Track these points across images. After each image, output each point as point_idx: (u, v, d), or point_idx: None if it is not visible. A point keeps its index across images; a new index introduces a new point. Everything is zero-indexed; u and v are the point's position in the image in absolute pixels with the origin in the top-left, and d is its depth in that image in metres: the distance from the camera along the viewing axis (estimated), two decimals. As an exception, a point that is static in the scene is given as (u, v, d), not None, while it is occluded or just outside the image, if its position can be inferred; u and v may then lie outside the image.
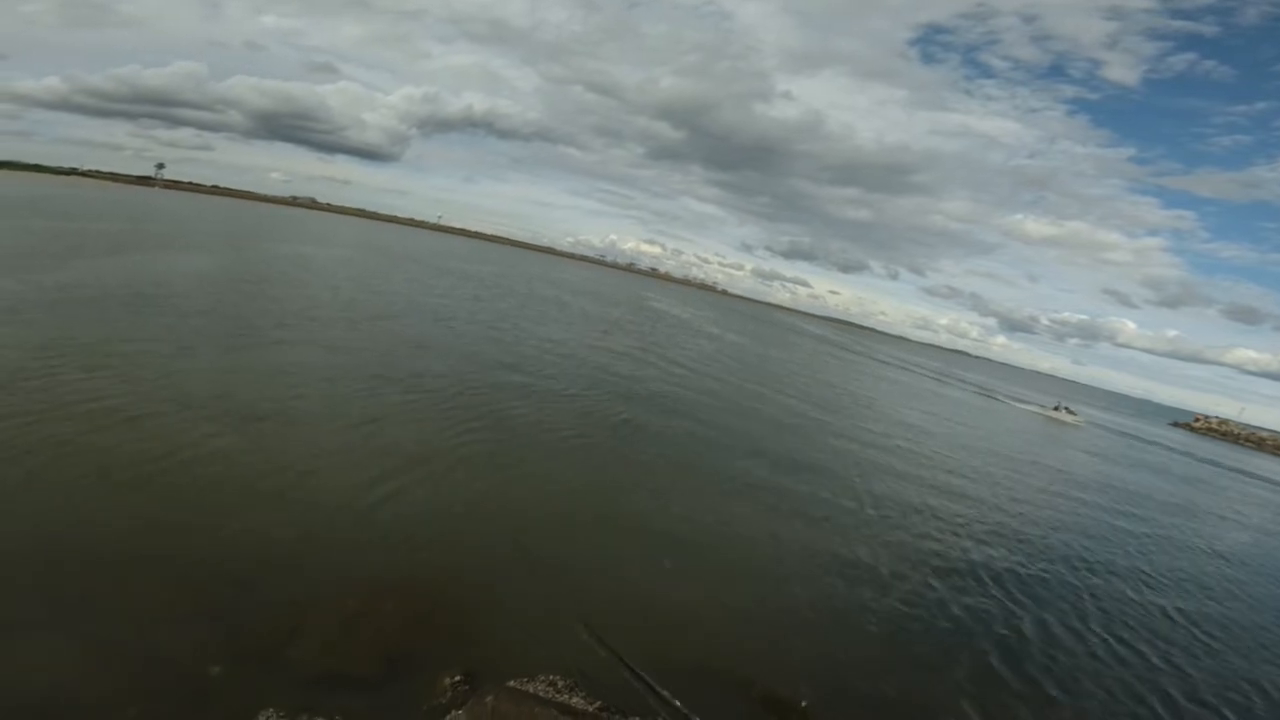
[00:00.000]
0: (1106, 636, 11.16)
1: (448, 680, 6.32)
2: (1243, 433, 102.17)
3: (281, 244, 54.68)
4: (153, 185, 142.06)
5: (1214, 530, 22.89)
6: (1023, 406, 59.91)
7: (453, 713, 5.69)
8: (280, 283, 30.74)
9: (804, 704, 7.27)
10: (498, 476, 12.09)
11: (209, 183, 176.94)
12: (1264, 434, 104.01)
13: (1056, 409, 56.25)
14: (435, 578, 8.16)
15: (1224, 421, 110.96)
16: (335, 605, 7.19)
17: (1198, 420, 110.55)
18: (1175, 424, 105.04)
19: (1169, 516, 23.09)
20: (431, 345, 22.35)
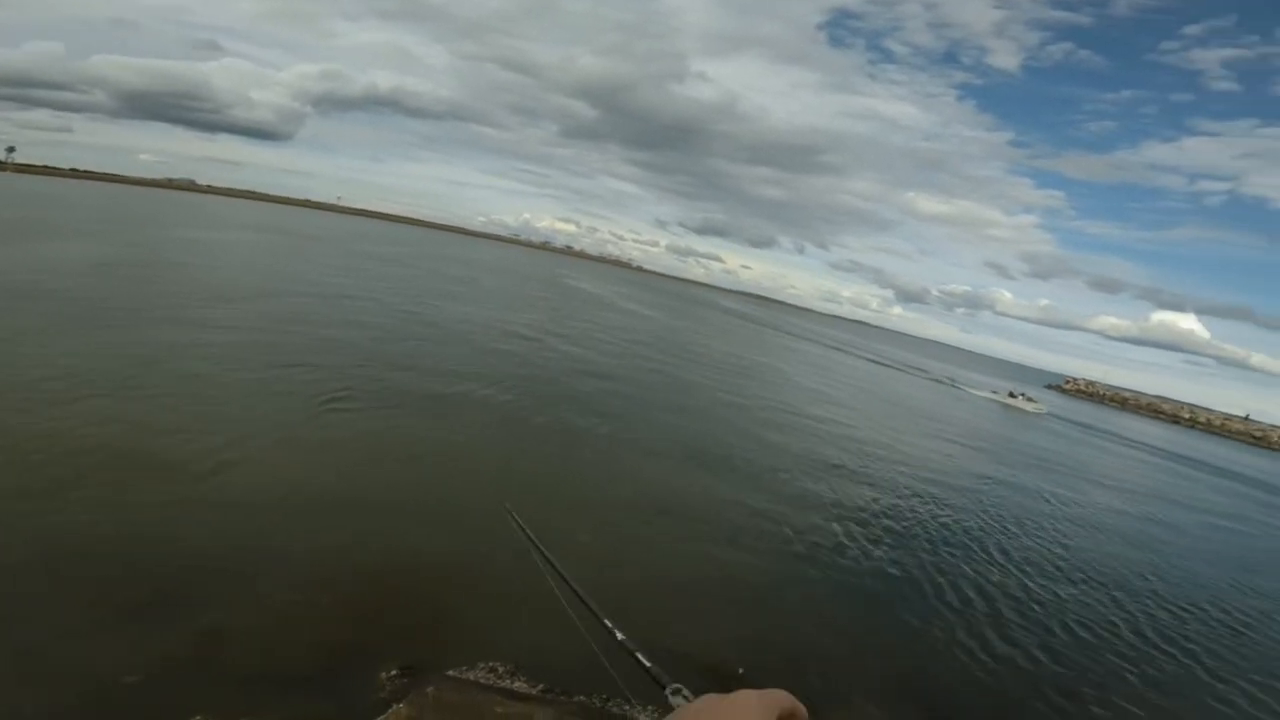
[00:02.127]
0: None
1: (384, 675, 6.01)
2: (1108, 393, 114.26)
3: (153, 229, 50.01)
4: (4, 169, 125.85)
5: None
6: (977, 393, 58.81)
7: (394, 706, 5.43)
8: (150, 267, 28.08)
9: (740, 671, 7.36)
10: (406, 458, 11.55)
11: (68, 165, 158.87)
12: (1126, 394, 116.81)
13: (1013, 395, 56.41)
14: (358, 568, 7.72)
15: (1091, 383, 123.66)
16: (258, 602, 6.69)
17: (1068, 383, 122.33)
18: (1049, 386, 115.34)
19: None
20: (324, 323, 21.16)
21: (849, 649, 8.55)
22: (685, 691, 1.34)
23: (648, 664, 1.46)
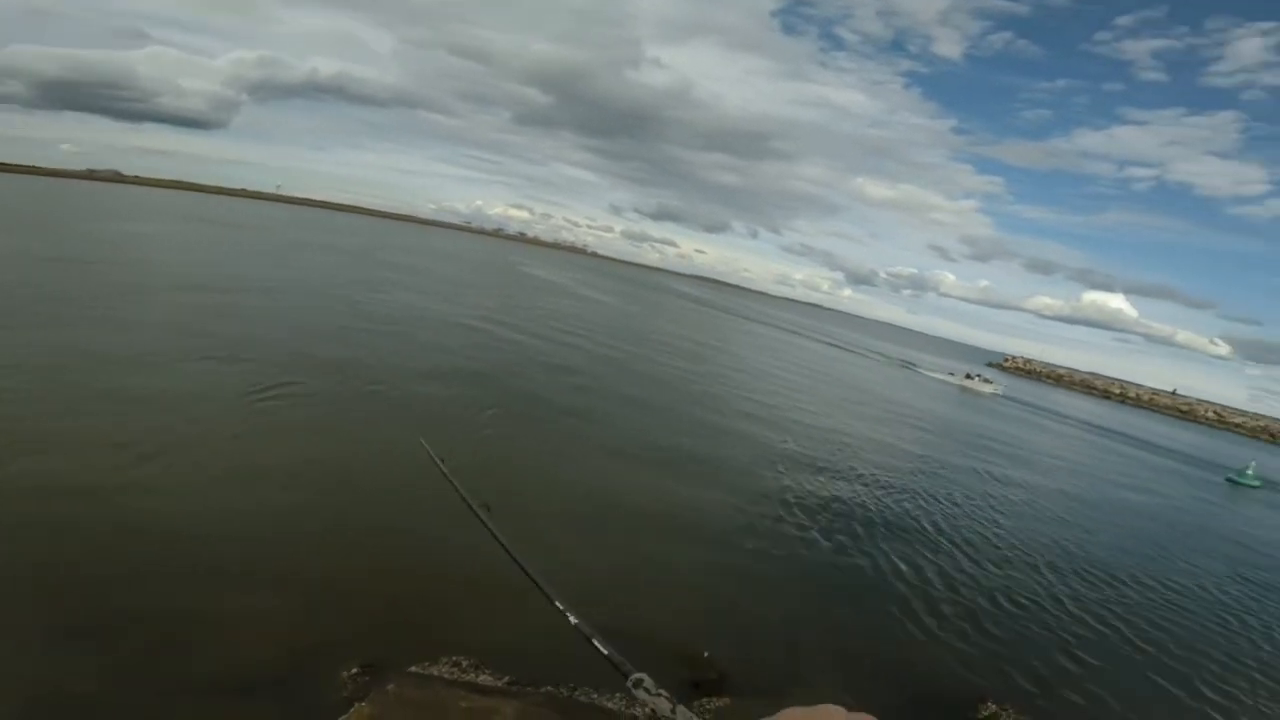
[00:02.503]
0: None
1: (345, 674, 5.92)
2: (1044, 370, 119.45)
3: (76, 222, 47.07)
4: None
5: None
6: (934, 375, 59.86)
7: (356, 705, 5.35)
8: (72, 262, 26.51)
9: (706, 654, 7.44)
10: (354, 450, 11.32)
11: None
12: (1061, 371, 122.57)
13: (969, 377, 56.81)
14: (310, 566, 7.56)
15: (1028, 361, 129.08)
16: (209, 606, 6.49)
17: (1008, 361, 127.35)
18: (990, 364, 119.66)
19: None
20: (259, 316, 20.45)
21: (802, 630, 8.77)
22: (648, 683, 1.29)
23: (605, 650, 1.41)
